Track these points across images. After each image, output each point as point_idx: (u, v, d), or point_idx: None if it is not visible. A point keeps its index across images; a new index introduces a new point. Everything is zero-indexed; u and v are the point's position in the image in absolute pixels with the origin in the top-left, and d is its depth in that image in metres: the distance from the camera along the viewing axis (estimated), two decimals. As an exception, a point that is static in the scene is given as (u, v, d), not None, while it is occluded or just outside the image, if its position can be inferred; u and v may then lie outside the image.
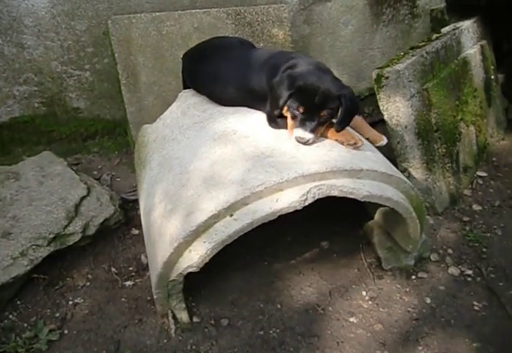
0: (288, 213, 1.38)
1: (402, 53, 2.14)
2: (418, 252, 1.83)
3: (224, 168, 1.46)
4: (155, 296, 1.54)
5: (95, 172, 2.44)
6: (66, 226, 1.82)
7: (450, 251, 1.93)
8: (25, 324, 1.62)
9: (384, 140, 1.77)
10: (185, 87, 2.08)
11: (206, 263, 1.40)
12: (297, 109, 1.48)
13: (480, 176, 2.37)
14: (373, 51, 2.95)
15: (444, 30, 2.41)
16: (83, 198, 1.95)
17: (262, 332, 1.60)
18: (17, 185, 1.97)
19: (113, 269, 1.85)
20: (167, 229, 1.46)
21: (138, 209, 1.99)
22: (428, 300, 1.72)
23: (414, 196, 1.61)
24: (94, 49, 2.42)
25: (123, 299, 1.72)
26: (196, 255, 1.38)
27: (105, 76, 2.50)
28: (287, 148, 1.48)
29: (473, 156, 2.34)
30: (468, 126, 2.28)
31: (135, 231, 2.04)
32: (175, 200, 1.50)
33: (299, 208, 1.36)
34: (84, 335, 1.59)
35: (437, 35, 2.32)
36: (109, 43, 2.32)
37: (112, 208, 1.97)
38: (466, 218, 2.10)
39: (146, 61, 2.32)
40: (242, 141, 1.54)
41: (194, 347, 1.55)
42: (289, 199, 1.35)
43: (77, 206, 1.91)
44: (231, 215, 1.36)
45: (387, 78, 1.96)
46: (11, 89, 2.40)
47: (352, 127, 1.73)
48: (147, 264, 1.82)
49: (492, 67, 2.59)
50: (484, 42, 2.54)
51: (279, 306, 1.69)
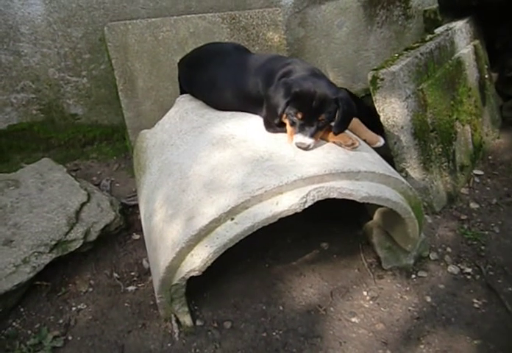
0: (288, 215, 1.40)
1: (397, 54, 2.16)
2: (417, 251, 1.85)
3: (224, 173, 1.47)
4: (158, 301, 1.55)
5: (94, 178, 2.45)
6: (67, 232, 1.83)
7: (449, 249, 1.95)
8: (29, 331, 1.63)
9: (381, 141, 1.79)
10: (182, 92, 2.10)
11: (207, 267, 1.41)
12: (295, 115, 1.49)
13: (477, 174, 2.39)
14: (367, 52, 2.97)
15: (438, 31, 2.44)
16: (83, 204, 1.97)
17: (265, 334, 1.61)
18: (17, 193, 1.98)
19: (115, 274, 1.86)
20: (168, 234, 1.47)
21: (138, 214, 2.00)
22: (428, 298, 1.73)
23: (412, 196, 1.62)
24: (91, 56, 2.43)
25: (126, 304, 1.73)
26: (198, 259, 1.39)
27: (102, 82, 2.52)
28: (285, 151, 1.49)
29: (469, 155, 2.36)
30: (463, 126, 2.31)
31: (136, 236, 2.05)
32: (176, 205, 1.51)
33: (299, 211, 1.38)
34: (88, 341, 1.59)
35: (430, 36, 2.34)
36: (105, 50, 2.33)
37: (112, 214, 1.98)
38: (464, 217, 2.12)
39: (143, 66, 2.33)
40: (241, 145, 1.55)
41: (198, 350, 1.56)
42: (289, 202, 1.37)
43: (78, 212, 1.92)
44: (232, 219, 1.38)
45: (382, 79, 1.98)
46: (9, 97, 2.41)
47: (349, 129, 1.75)
48: (149, 268, 1.83)
49: (486, 66, 2.62)
50: (477, 41, 2.56)
51: (281, 308, 1.71)
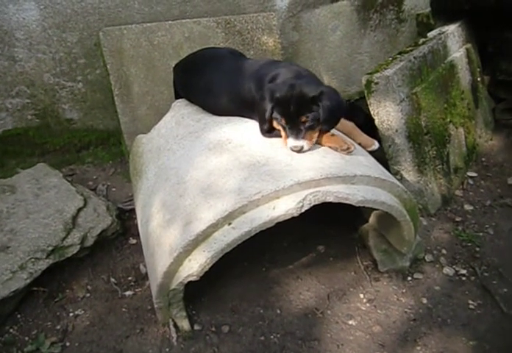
0: (285, 219, 1.41)
1: (391, 58, 2.19)
2: (412, 253, 1.87)
3: (221, 178, 1.48)
4: (156, 306, 1.56)
5: (90, 182, 2.45)
6: (64, 238, 1.82)
7: (444, 251, 1.97)
8: (26, 338, 1.62)
9: (376, 145, 1.80)
10: (177, 97, 2.11)
11: (205, 271, 1.42)
12: (281, 121, 1.53)
13: (471, 176, 2.41)
14: (361, 56, 3.00)
15: (430, 34, 2.46)
16: (80, 209, 1.96)
17: (263, 338, 1.62)
18: (13, 198, 1.98)
19: (112, 279, 1.86)
20: (166, 239, 1.48)
21: (135, 218, 2.00)
22: (424, 300, 1.75)
23: (407, 199, 1.64)
24: (86, 61, 2.43)
25: (123, 309, 1.73)
26: (196, 264, 1.40)
27: (97, 87, 2.52)
28: (282, 156, 1.50)
29: (463, 157, 2.38)
30: (457, 128, 2.33)
31: (133, 240, 2.05)
32: (173, 210, 1.52)
33: (296, 215, 1.39)
34: (86, 347, 1.59)
35: (423, 40, 2.36)
36: (100, 54, 2.33)
37: (109, 218, 1.98)
38: (459, 218, 2.14)
39: (138, 71, 2.34)
40: (237, 150, 1.56)
41: (196, 355, 1.57)
42: (286, 207, 1.38)
43: (74, 217, 1.92)
44: (229, 224, 1.38)
45: (376, 83, 2.00)
46: (3, 102, 2.41)
47: (344, 133, 1.77)
48: (146, 273, 1.84)
49: (478, 69, 2.65)
50: (469, 45, 2.59)
51: (278, 311, 1.72)
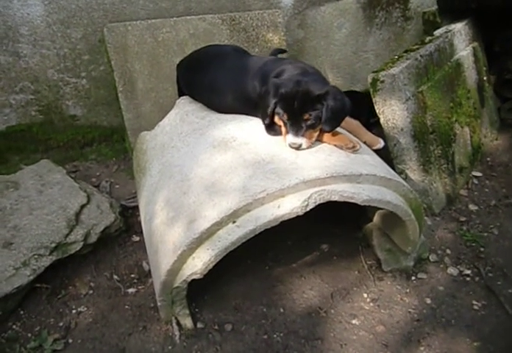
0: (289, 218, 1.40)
1: (397, 56, 2.17)
2: (417, 253, 1.86)
3: (225, 175, 1.47)
4: (159, 303, 1.55)
5: (93, 179, 2.44)
6: (67, 234, 1.82)
7: (448, 251, 1.96)
8: (29, 334, 1.62)
9: (381, 143, 1.79)
10: (181, 95, 2.10)
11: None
12: (283, 116, 1.52)
13: (476, 176, 2.40)
14: (367, 54, 2.97)
15: (437, 33, 2.44)
16: (83, 206, 1.96)
17: (266, 336, 1.61)
18: (16, 195, 1.97)
19: (115, 277, 1.86)
20: (169, 237, 1.47)
21: (138, 215, 2.00)
22: (428, 300, 1.74)
23: (413, 199, 1.63)
24: (90, 57, 2.43)
25: (126, 307, 1.73)
26: (200, 262, 1.39)
27: (101, 84, 2.51)
28: (287, 154, 1.49)
29: (468, 156, 2.37)
30: (462, 127, 2.31)
31: (136, 238, 2.05)
32: (177, 207, 1.51)
33: (301, 214, 1.38)
34: (89, 344, 1.59)
35: (430, 38, 2.34)
36: (105, 51, 2.33)
37: (112, 215, 1.97)
38: (463, 218, 2.13)
39: (143, 68, 2.33)
40: (242, 148, 1.55)
41: (199, 353, 1.56)
42: (291, 205, 1.37)
43: (78, 214, 1.91)
44: (234, 222, 1.38)
45: (382, 82, 1.98)
46: (7, 98, 2.41)
47: (349, 131, 1.75)
48: (149, 271, 1.83)
49: (484, 68, 2.63)
50: (476, 44, 2.57)
51: (281, 310, 1.71)
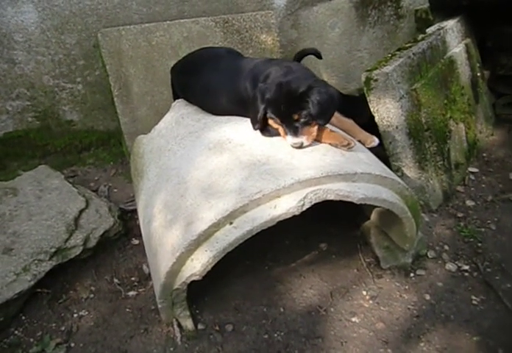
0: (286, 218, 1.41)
1: (390, 55, 2.18)
2: (415, 250, 1.87)
3: (222, 177, 1.48)
4: (159, 306, 1.56)
5: (91, 183, 2.45)
6: (67, 239, 1.83)
7: (446, 247, 1.97)
8: (31, 339, 1.63)
9: (375, 141, 1.80)
10: (175, 98, 2.11)
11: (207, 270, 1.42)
12: (276, 120, 1.54)
13: (472, 172, 2.41)
14: (360, 53, 2.98)
15: (429, 30, 2.45)
16: (82, 210, 1.97)
17: (266, 336, 1.62)
18: (15, 201, 1.99)
19: (116, 280, 1.87)
20: (168, 239, 1.48)
21: (137, 219, 2.01)
22: (427, 297, 1.75)
23: (409, 196, 1.64)
24: (85, 62, 2.44)
25: (127, 310, 1.74)
26: (199, 264, 1.40)
27: (97, 88, 2.53)
28: (282, 154, 1.51)
29: (464, 152, 2.38)
30: (457, 124, 2.33)
31: (135, 241, 2.06)
32: (174, 210, 1.52)
33: (297, 213, 1.39)
34: (91, 347, 1.60)
35: (422, 36, 2.36)
36: (99, 56, 2.34)
37: (111, 219, 1.99)
38: (460, 214, 2.14)
39: (138, 72, 2.34)
40: (238, 149, 1.57)
41: (200, 354, 1.57)
42: (287, 205, 1.38)
43: (77, 219, 1.93)
44: (231, 223, 1.39)
45: (376, 80, 2.00)
46: (4, 104, 2.42)
47: (343, 130, 1.77)
48: (149, 273, 1.84)
49: (478, 64, 2.64)
50: (468, 40, 2.59)
51: (282, 309, 1.72)
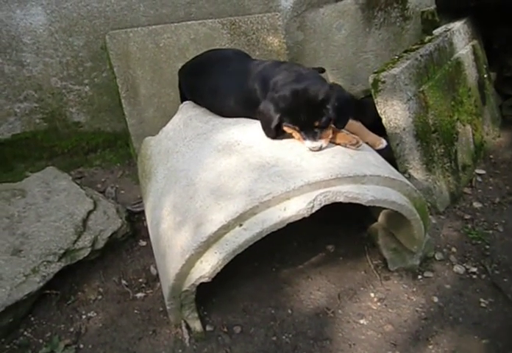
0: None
1: (397, 56, 2.18)
2: (422, 252, 1.86)
3: (231, 179, 1.49)
4: (168, 307, 1.57)
5: (99, 185, 2.46)
6: (75, 241, 1.84)
7: (454, 249, 1.96)
8: (40, 340, 1.64)
9: (383, 143, 1.80)
10: (183, 100, 2.11)
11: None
12: (294, 128, 1.53)
13: (479, 173, 2.40)
14: (366, 54, 2.99)
15: (436, 32, 2.45)
16: (90, 212, 1.98)
17: (275, 338, 1.62)
18: (24, 202, 1.99)
19: (124, 281, 1.88)
20: (177, 241, 1.49)
21: (145, 220, 2.02)
22: (435, 299, 1.75)
23: (417, 198, 1.64)
24: (93, 64, 2.45)
25: (135, 311, 1.74)
26: (208, 266, 1.40)
27: (104, 90, 2.54)
28: (291, 156, 1.51)
29: (471, 154, 2.38)
30: (464, 126, 2.32)
31: (143, 242, 2.06)
32: (183, 212, 1.52)
33: (307, 216, 1.39)
34: (99, 349, 1.61)
35: (429, 37, 2.36)
36: (107, 58, 2.35)
37: (119, 221, 1.99)
38: (468, 216, 2.13)
39: (145, 74, 2.35)
40: (246, 151, 1.57)
41: (209, 356, 1.58)
42: (297, 207, 1.38)
43: (85, 220, 1.93)
44: (240, 225, 1.39)
45: (383, 82, 2.00)
46: (12, 106, 2.43)
47: (351, 132, 1.77)
48: (157, 275, 1.85)
49: (484, 66, 2.64)
50: (475, 42, 2.58)
51: (290, 311, 1.72)
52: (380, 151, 1.78)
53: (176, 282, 1.46)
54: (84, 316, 1.73)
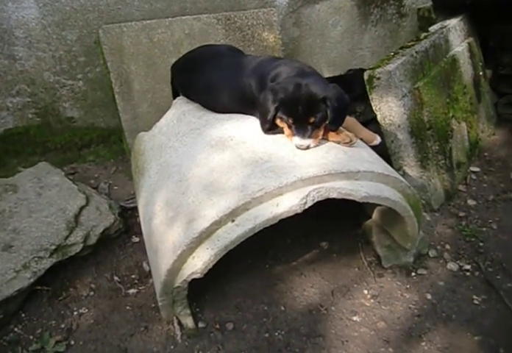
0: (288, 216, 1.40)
1: (392, 53, 2.17)
2: (416, 249, 1.86)
3: (223, 175, 1.47)
4: (160, 303, 1.55)
5: (92, 181, 2.44)
6: (67, 236, 1.82)
7: (448, 246, 1.96)
8: (31, 337, 1.62)
9: (378, 140, 1.79)
10: (175, 96, 2.10)
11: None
12: (287, 121, 1.51)
13: (473, 171, 2.41)
14: (362, 51, 2.98)
15: (432, 29, 2.45)
16: (82, 207, 1.96)
17: (267, 335, 1.62)
18: (15, 197, 1.97)
19: (116, 278, 1.86)
20: (169, 237, 1.47)
21: (137, 216, 2.00)
22: (429, 296, 1.74)
23: (411, 195, 1.63)
24: (86, 58, 2.42)
25: (127, 307, 1.73)
26: (200, 262, 1.39)
27: (98, 85, 2.51)
28: (284, 152, 1.50)
29: (465, 152, 2.37)
30: (459, 123, 2.32)
31: (136, 238, 2.05)
32: (176, 207, 1.51)
33: (300, 211, 1.38)
34: (90, 345, 1.59)
35: (425, 34, 2.35)
36: (100, 52, 2.32)
37: (111, 217, 1.97)
38: (462, 214, 2.13)
39: (139, 69, 2.33)
40: (239, 147, 1.56)
41: (201, 352, 1.56)
42: (289, 203, 1.37)
43: (77, 216, 1.91)
44: (233, 221, 1.38)
45: (378, 79, 1.99)
46: (4, 101, 2.40)
47: (346, 128, 1.75)
48: (149, 271, 1.83)
49: (480, 63, 2.64)
50: (471, 39, 2.58)
51: (282, 308, 1.71)
52: (375, 148, 1.78)
53: (167, 278, 1.45)
54: (75, 312, 1.71)
